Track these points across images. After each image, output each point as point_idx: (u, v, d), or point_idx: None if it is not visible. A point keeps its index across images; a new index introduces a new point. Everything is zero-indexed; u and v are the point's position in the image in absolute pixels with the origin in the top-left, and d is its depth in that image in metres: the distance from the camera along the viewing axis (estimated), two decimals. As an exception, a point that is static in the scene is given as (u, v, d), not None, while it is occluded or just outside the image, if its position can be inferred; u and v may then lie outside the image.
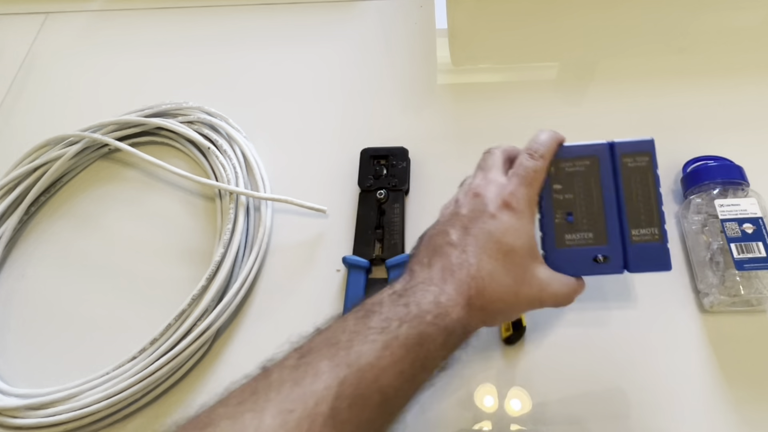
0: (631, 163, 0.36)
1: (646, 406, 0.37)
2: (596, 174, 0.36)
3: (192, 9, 0.64)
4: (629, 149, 0.37)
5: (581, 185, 0.36)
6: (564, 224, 0.36)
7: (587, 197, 0.36)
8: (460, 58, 0.58)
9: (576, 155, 0.37)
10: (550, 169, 0.36)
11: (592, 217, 0.36)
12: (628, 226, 0.36)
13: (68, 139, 0.51)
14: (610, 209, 0.36)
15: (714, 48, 0.54)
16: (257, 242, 0.45)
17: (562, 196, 0.37)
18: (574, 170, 0.37)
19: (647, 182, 0.36)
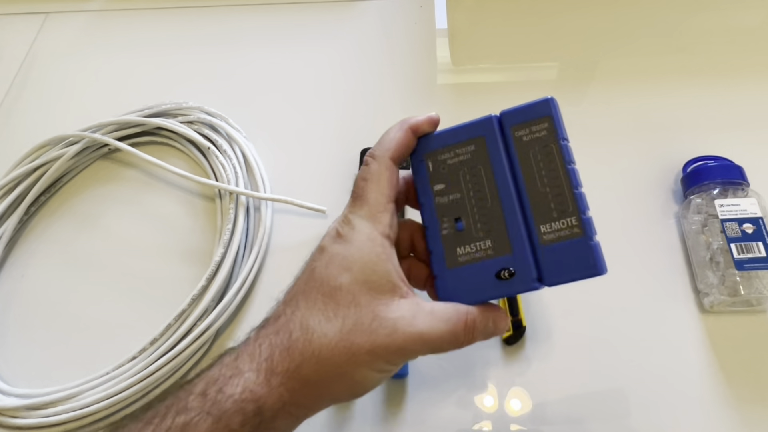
0: (526, 136, 0.28)
1: (646, 406, 0.37)
2: (485, 159, 0.28)
3: (192, 9, 0.64)
4: (520, 118, 0.29)
5: (469, 178, 0.29)
6: (453, 235, 0.28)
7: (478, 193, 0.28)
8: (460, 58, 0.58)
9: (456, 141, 0.29)
10: (427, 165, 0.29)
11: (487, 220, 0.28)
12: (535, 222, 0.27)
13: (68, 139, 0.51)
14: (508, 204, 0.28)
15: (714, 48, 0.54)
16: (257, 242, 0.45)
17: (446, 197, 0.29)
18: (458, 161, 0.29)
19: (552, 157, 0.28)
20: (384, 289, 0.26)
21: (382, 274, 0.27)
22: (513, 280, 0.27)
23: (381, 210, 0.28)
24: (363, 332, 0.25)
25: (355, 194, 0.29)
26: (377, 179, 0.29)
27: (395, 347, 0.25)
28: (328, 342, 0.25)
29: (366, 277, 0.26)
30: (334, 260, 0.27)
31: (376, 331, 0.25)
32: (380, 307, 0.26)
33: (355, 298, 0.26)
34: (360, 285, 0.26)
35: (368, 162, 0.30)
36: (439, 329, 0.26)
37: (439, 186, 0.29)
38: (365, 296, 0.26)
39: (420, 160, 0.31)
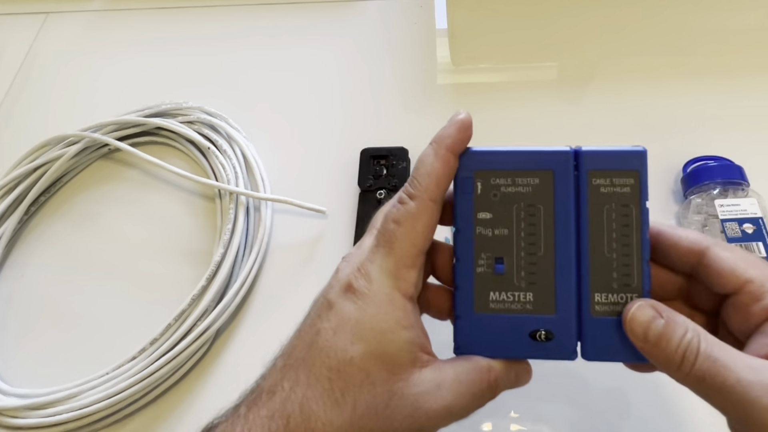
0: (605, 187, 0.24)
1: (647, 406, 0.37)
2: (548, 199, 0.24)
3: (192, 9, 0.64)
4: (603, 164, 0.24)
5: (523, 216, 0.25)
6: (489, 276, 0.25)
7: (531, 236, 0.24)
8: (460, 58, 0.58)
9: (519, 167, 0.25)
10: (476, 186, 0.25)
11: (535, 269, 0.24)
12: (590, 288, 0.24)
13: (68, 139, 0.51)
14: (564, 258, 0.24)
15: (714, 48, 0.54)
16: (257, 242, 0.45)
17: (490, 230, 0.25)
18: (515, 191, 0.25)
19: (629, 220, 0.24)
20: (403, 361, 0.22)
21: (402, 345, 0.23)
22: (549, 345, 0.24)
23: (409, 265, 0.24)
24: (378, 417, 0.22)
25: (381, 238, 0.24)
26: (412, 225, 0.24)
27: (417, 428, 0.22)
28: (333, 430, 0.22)
29: (383, 349, 0.22)
30: (345, 325, 0.23)
31: (393, 414, 0.22)
32: (399, 384, 0.22)
33: (369, 376, 0.22)
34: (375, 359, 0.22)
35: (404, 200, 0.25)
36: (464, 397, 0.23)
37: (484, 214, 0.25)
38: (381, 372, 0.22)
39: (468, 177, 0.26)
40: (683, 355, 0.22)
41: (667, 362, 0.22)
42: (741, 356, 0.22)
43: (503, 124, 0.51)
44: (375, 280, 0.24)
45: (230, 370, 0.41)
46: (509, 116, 0.51)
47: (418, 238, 0.24)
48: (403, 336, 0.23)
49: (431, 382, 0.22)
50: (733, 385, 0.21)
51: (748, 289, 0.24)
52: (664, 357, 0.22)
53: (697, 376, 0.22)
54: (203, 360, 0.41)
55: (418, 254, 0.24)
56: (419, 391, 0.22)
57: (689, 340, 0.22)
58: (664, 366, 0.23)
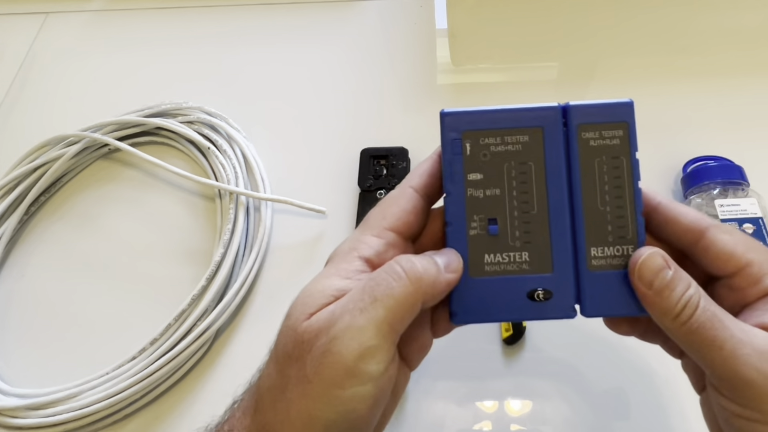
0: (594, 140, 0.24)
1: (647, 406, 0.37)
2: (539, 155, 0.24)
3: (192, 9, 0.64)
4: (592, 117, 0.24)
5: (515, 174, 0.24)
6: (483, 238, 0.24)
7: (524, 194, 0.24)
8: (460, 58, 0.58)
9: (507, 125, 0.24)
10: (464, 146, 0.24)
11: (529, 228, 0.24)
12: (585, 242, 0.24)
13: (68, 139, 0.51)
14: (558, 214, 0.24)
15: (714, 48, 0.54)
16: (257, 242, 0.45)
17: (482, 191, 0.24)
18: (504, 150, 0.24)
19: (620, 172, 0.24)
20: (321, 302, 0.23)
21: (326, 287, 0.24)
22: (547, 303, 0.24)
23: (373, 234, 0.25)
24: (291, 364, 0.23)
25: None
26: (387, 205, 0.25)
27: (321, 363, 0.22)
28: (270, 384, 0.23)
29: (307, 295, 0.24)
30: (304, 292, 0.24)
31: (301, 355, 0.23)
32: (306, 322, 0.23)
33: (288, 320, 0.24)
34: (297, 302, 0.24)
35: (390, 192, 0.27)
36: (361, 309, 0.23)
37: (474, 175, 0.24)
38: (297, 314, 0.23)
39: (455, 138, 0.25)
40: (684, 306, 0.23)
41: (666, 311, 0.23)
42: (734, 319, 0.23)
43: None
44: (337, 250, 0.25)
45: (230, 370, 0.41)
46: (509, 116, 0.51)
47: (389, 215, 0.25)
48: (333, 282, 0.23)
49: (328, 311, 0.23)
50: (725, 339, 0.22)
51: (747, 272, 0.24)
52: (665, 306, 0.23)
53: (692, 328, 0.22)
54: (203, 360, 0.41)
55: (385, 227, 0.25)
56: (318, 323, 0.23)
57: (691, 295, 0.23)
58: (662, 314, 0.23)
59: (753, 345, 0.22)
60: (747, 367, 0.22)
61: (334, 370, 0.22)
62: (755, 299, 0.24)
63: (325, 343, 0.22)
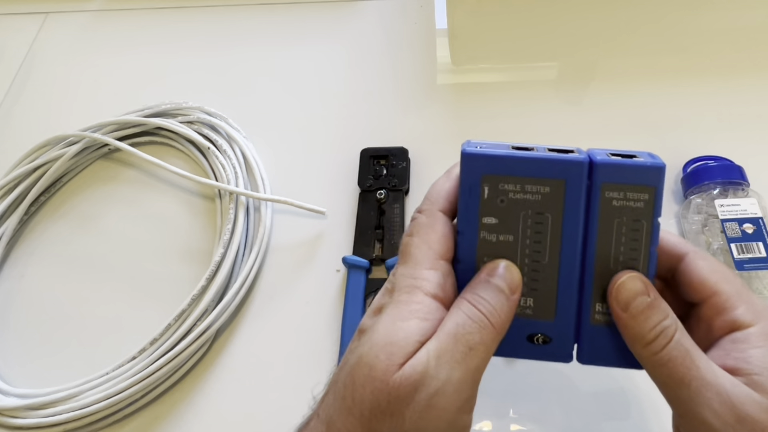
0: (618, 200, 0.24)
1: (647, 406, 0.37)
2: (558, 209, 0.24)
3: (192, 9, 0.64)
4: (619, 177, 0.23)
5: (530, 224, 0.24)
6: None
7: (537, 244, 0.24)
8: (460, 58, 0.58)
9: (529, 174, 0.24)
10: (482, 190, 0.24)
11: (537, 277, 0.24)
12: (592, 297, 0.24)
13: (68, 139, 0.51)
14: (568, 268, 0.24)
15: (714, 48, 0.54)
16: (257, 242, 0.45)
17: (495, 236, 0.24)
18: (523, 198, 0.24)
19: (638, 235, 0.24)
20: (408, 350, 0.22)
21: (409, 332, 0.22)
22: (546, 347, 0.24)
23: (427, 267, 0.24)
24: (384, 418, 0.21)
25: (400, 253, 0.25)
26: (425, 233, 0.25)
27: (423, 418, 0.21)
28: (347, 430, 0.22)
29: (388, 337, 0.22)
30: (366, 335, 0.23)
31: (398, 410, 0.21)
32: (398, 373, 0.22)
33: (372, 371, 0.22)
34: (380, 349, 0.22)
35: (415, 217, 0.26)
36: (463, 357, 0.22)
37: (489, 219, 0.24)
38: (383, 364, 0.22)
39: (475, 182, 0.24)
40: (657, 335, 0.22)
41: (639, 337, 0.23)
42: (706, 359, 0.23)
43: (503, 124, 0.51)
44: (396, 287, 0.24)
45: (230, 370, 0.41)
46: (509, 116, 0.51)
47: (434, 243, 0.24)
48: (415, 326, 0.22)
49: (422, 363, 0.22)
50: (692, 378, 0.22)
51: (713, 301, 0.24)
52: (638, 331, 0.23)
53: (662, 360, 0.22)
54: (203, 360, 0.41)
55: (436, 257, 0.24)
56: (413, 376, 0.21)
57: (667, 326, 0.23)
58: (634, 339, 0.23)
59: (717, 389, 0.22)
60: (708, 410, 0.21)
61: (437, 424, 0.21)
62: (720, 334, 0.24)
63: (427, 397, 0.21)
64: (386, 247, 0.44)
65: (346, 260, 0.43)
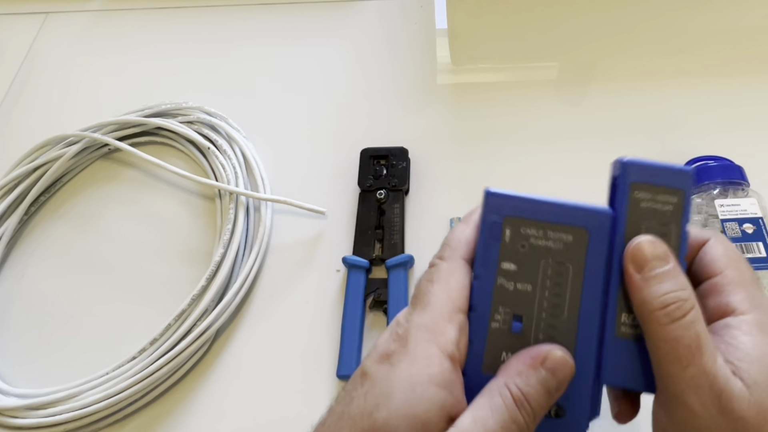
0: (646, 202, 0.23)
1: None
2: (579, 260, 0.23)
3: (192, 9, 0.64)
4: (648, 178, 0.23)
5: (550, 273, 0.23)
6: (505, 333, 0.23)
7: (556, 297, 0.23)
8: (460, 58, 0.58)
9: (552, 220, 0.23)
10: (504, 232, 0.23)
11: (555, 333, 0.23)
12: (617, 305, 0.23)
13: (68, 139, 0.51)
14: (587, 325, 0.22)
15: (714, 48, 0.54)
16: (257, 242, 0.45)
17: (513, 283, 0.23)
18: (544, 245, 0.23)
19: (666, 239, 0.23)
20: (430, 424, 0.20)
21: (432, 406, 0.20)
22: (559, 422, 0.22)
23: (447, 319, 0.22)
24: None
25: (416, 297, 0.23)
26: (445, 280, 0.23)
27: None
28: None
29: (411, 409, 0.20)
30: (377, 387, 0.21)
31: None
32: None
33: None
34: (401, 420, 0.20)
35: (435, 263, 0.24)
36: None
37: (508, 265, 0.23)
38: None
39: (496, 222, 0.23)
40: (667, 305, 0.21)
41: (647, 302, 0.22)
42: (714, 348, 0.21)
43: (503, 124, 0.51)
44: (411, 338, 0.22)
45: (230, 370, 0.41)
46: (509, 116, 0.51)
47: (454, 293, 0.23)
48: (436, 395, 0.21)
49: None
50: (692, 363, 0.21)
51: (714, 282, 0.23)
52: (647, 294, 0.22)
53: (669, 336, 0.21)
54: (203, 360, 0.41)
55: (455, 309, 0.23)
56: None
57: (683, 298, 0.21)
58: (642, 304, 0.22)
59: (712, 380, 0.21)
60: (695, 397, 0.21)
61: None
62: (715, 317, 0.23)
63: None
64: (386, 247, 0.44)
65: (346, 260, 0.43)
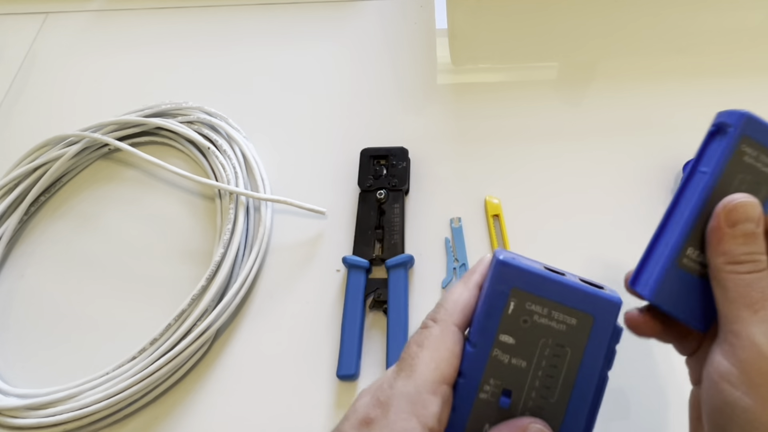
0: (750, 158, 0.23)
1: (647, 406, 0.37)
2: (580, 345, 0.22)
3: (192, 9, 0.64)
4: (761, 135, 0.23)
5: (548, 353, 0.22)
6: (492, 406, 0.22)
7: (548, 378, 0.22)
8: (460, 58, 0.58)
9: (559, 300, 0.23)
10: (508, 303, 0.23)
11: (542, 413, 0.22)
12: (689, 237, 0.23)
13: (68, 139, 0.51)
14: (577, 410, 0.22)
15: (714, 48, 0.54)
16: (257, 242, 0.45)
17: (508, 357, 0.22)
18: (547, 324, 0.23)
19: (756, 195, 0.23)
20: None
21: None
22: None
23: (430, 391, 0.22)
24: None
25: (403, 361, 0.23)
26: (435, 347, 0.23)
27: None
28: None
29: None
30: None
31: None
32: None
33: None
34: None
35: (427, 325, 0.24)
36: None
37: (507, 338, 0.22)
38: None
39: (503, 292, 0.23)
40: (747, 260, 0.22)
41: (730, 253, 0.22)
42: None
43: (503, 124, 0.51)
44: (393, 407, 0.21)
45: (230, 370, 0.41)
46: (509, 116, 0.51)
47: (442, 363, 0.22)
48: None
49: None
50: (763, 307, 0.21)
51: None
52: (731, 247, 0.22)
53: (745, 282, 0.22)
54: (203, 360, 0.41)
55: (441, 380, 0.22)
56: None
57: (760, 260, 0.22)
58: (722, 253, 0.23)
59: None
60: (762, 334, 0.21)
61: None
62: None
63: None
64: (386, 247, 0.44)
65: (346, 260, 0.43)
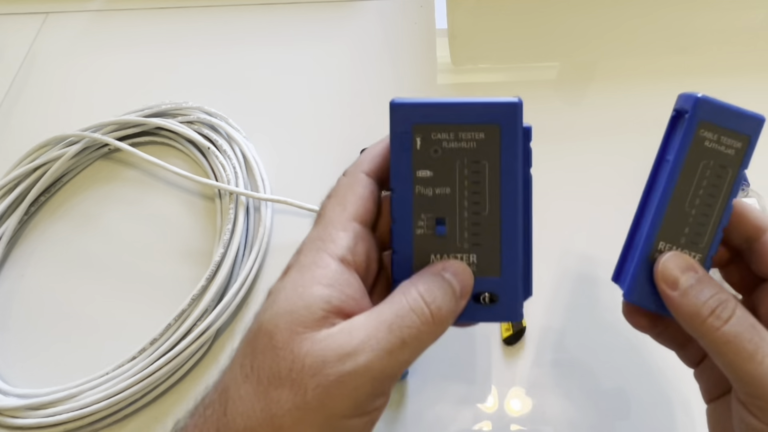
0: (710, 142, 0.23)
1: (647, 406, 0.37)
2: (494, 154, 0.23)
3: (192, 9, 0.64)
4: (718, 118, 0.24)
5: (467, 174, 0.23)
6: (430, 238, 0.23)
7: (475, 195, 0.23)
8: (460, 58, 0.58)
9: (462, 121, 0.23)
10: (414, 141, 0.23)
11: (479, 230, 0.23)
12: (658, 233, 0.23)
13: (68, 139, 0.51)
14: (510, 217, 0.23)
15: (715, 48, 0.54)
16: (257, 242, 0.45)
17: (431, 189, 0.23)
18: (457, 147, 0.23)
19: (720, 182, 0.23)
20: (309, 318, 0.20)
21: (312, 301, 0.20)
22: (494, 307, 0.23)
23: (339, 228, 0.23)
24: (284, 383, 0.19)
25: (317, 216, 0.24)
26: (342, 195, 0.24)
27: (330, 396, 0.19)
28: (244, 409, 0.20)
29: (290, 306, 0.20)
30: (269, 298, 0.22)
31: (300, 379, 0.19)
32: (303, 342, 0.20)
33: (272, 338, 0.20)
34: (280, 318, 0.20)
35: (338, 180, 0.25)
36: (385, 351, 0.20)
37: (424, 172, 0.23)
38: (283, 332, 0.20)
39: (405, 131, 0.24)
40: (713, 309, 0.22)
41: (695, 314, 0.22)
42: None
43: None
44: (303, 249, 0.23)
45: (230, 370, 0.41)
46: (509, 116, 0.51)
47: (349, 205, 0.23)
48: (318, 292, 0.21)
49: (342, 330, 0.20)
50: (764, 354, 0.21)
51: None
52: (692, 307, 0.22)
53: (729, 337, 0.21)
54: (203, 360, 0.41)
55: (349, 219, 0.23)
56: (324, 345, 0.19)
57: (725, 299, 0.22)
58: (691, 318, 0.22)
59: None
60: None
61: (344, 402, 0.20)
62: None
63: (338, 374, 0.19)
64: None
65: (346, 260, 0.43)
